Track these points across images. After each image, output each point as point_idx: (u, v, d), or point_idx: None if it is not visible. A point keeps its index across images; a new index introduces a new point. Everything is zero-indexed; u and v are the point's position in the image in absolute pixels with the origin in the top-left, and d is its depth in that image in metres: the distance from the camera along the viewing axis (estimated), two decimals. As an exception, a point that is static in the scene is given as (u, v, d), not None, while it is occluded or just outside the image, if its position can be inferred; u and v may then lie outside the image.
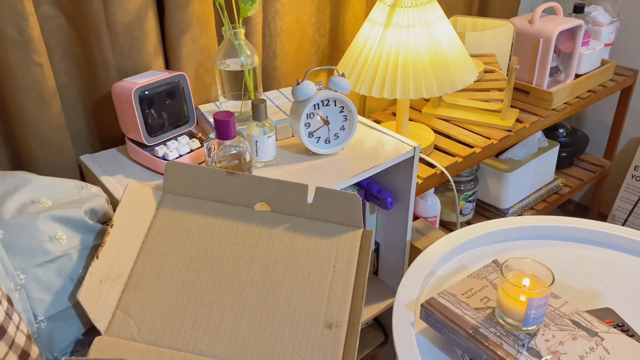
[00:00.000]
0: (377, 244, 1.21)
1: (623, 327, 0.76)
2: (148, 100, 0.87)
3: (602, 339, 0.70)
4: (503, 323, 0.72)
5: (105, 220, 0.77)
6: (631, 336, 0.73)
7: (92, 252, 0.72)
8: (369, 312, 1.18)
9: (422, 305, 0.77)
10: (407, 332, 0.78)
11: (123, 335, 0.70)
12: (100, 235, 0.74)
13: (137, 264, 0.75)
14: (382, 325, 1.31)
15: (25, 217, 0.66)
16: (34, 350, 0.59)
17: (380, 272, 1.24)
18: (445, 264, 0.92)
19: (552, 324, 0.72)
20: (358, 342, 0.70)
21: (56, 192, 0.73)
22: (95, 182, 0.90)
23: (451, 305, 0.76)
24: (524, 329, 0.71)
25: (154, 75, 0.90)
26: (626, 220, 1.88)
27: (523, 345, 0.69)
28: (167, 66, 1.02)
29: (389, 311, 1.24)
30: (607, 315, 0.78)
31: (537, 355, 0.68)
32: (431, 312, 0.75)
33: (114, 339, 0.69)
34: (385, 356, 1.35)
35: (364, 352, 1.29)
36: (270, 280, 0.75)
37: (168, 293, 0.73)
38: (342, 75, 0.93)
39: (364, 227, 0.80)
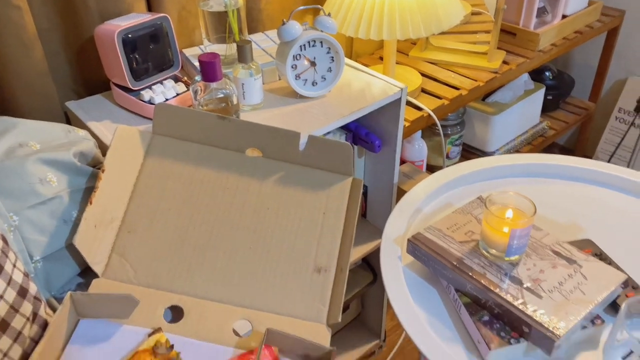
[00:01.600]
0: (365, 187, 1.23)
1: (601, 256, 0.79)
2: (132, 43, 0.86)
3: (581, 267, 0.73)
4: (487, 254, 0.75)
5: (94, 164, 0.78)
6: (608, 264, 0.76)
7: (84, 194, 0.73)
8: (358, 252, 1.21)
9: (408, 239, 0.79)
10: (394, 265, 0.80)
11: (120, 278, 0.71)
12: (91, 178, 0.75)
13: (131, 209, 0.76)
14: (370, 265, 1.35)
15: (14, 160, 0.67)
16: (32, 287, 0.61)
17: (369, 214, 1.27)
18: (431, 202, 0.94)
19: (533, 254, 0.75)
20: (345, 285, 0.72)
21: (44, 135, 0.73)
22: (82, 128, 0.89)
23: (437, 239, 0.78)
24: (506, 259, 0.74)
25: (137, 18, 0.88)
26: (608, 162, 1.92)
27: (506, 274, 0.72)
28: (149, 9, 1.00)
29: (377, 252, 1.27)
30: (587, 246, 0.81)
31: (518, 283, 0.71)
32: (417, 246, 0.78)
33: (111, 281, 0.71)
34: (374, 295, 1.39)
35: (353, 291, 1.33)
36: (261, 226, 0.76)
37: (162, 237, 0.74)
38: (329, 15, 0.91)
39: (354, 175, 0.81)
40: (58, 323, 0.62)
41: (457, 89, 1.29)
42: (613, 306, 0.73)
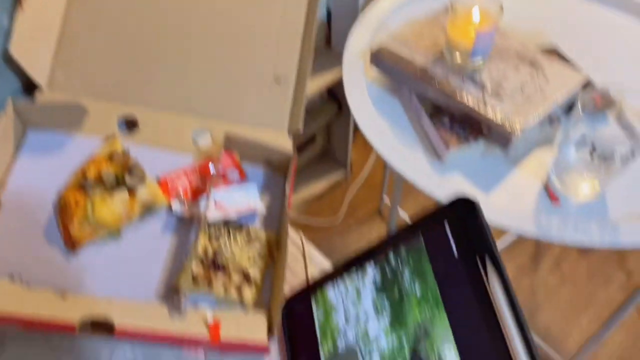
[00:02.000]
0: (328, 12, 1.17)
1: (564, 60, 0.78)
2: None
3: (543, 69, 0.72)
4: (451, 60, 0.73)
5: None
6: (571, 67, 0.76)
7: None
8: (322, 82, 1.18)
9: (372, 50, 0.76)
10: (356, 78, 0.78)
11: (66, 90, 0.68)
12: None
13: (69, 17, 0.69)
14: (336, 96, 1.33)
15: None
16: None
17: (333, 42, 1.22)
18: (397, 16, 0.89)
19: (497, 58, 0.73)
20: (306, 92, 0.69)
21: None
22: None
23: (401, 49, 0.75)
24: (471, 63, 0.72)
25: None
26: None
27: (468, 79, 0.71)
28: None
29: (342, 82, 1.24)
30: (552, 51, 0.79)
31: (480, 87, 0.70)
32: (381, 56, 0.75)
33: (58, 93, 0.67)
34: (339, 127, 1.39)
35: (319, 122, 1.33)
36: (215, 33, 0.71)
37: (108, 46, 0.69)
38: None
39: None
40: (2, 131, 0.59)
41: None
42: (573, 109, 0.73)
